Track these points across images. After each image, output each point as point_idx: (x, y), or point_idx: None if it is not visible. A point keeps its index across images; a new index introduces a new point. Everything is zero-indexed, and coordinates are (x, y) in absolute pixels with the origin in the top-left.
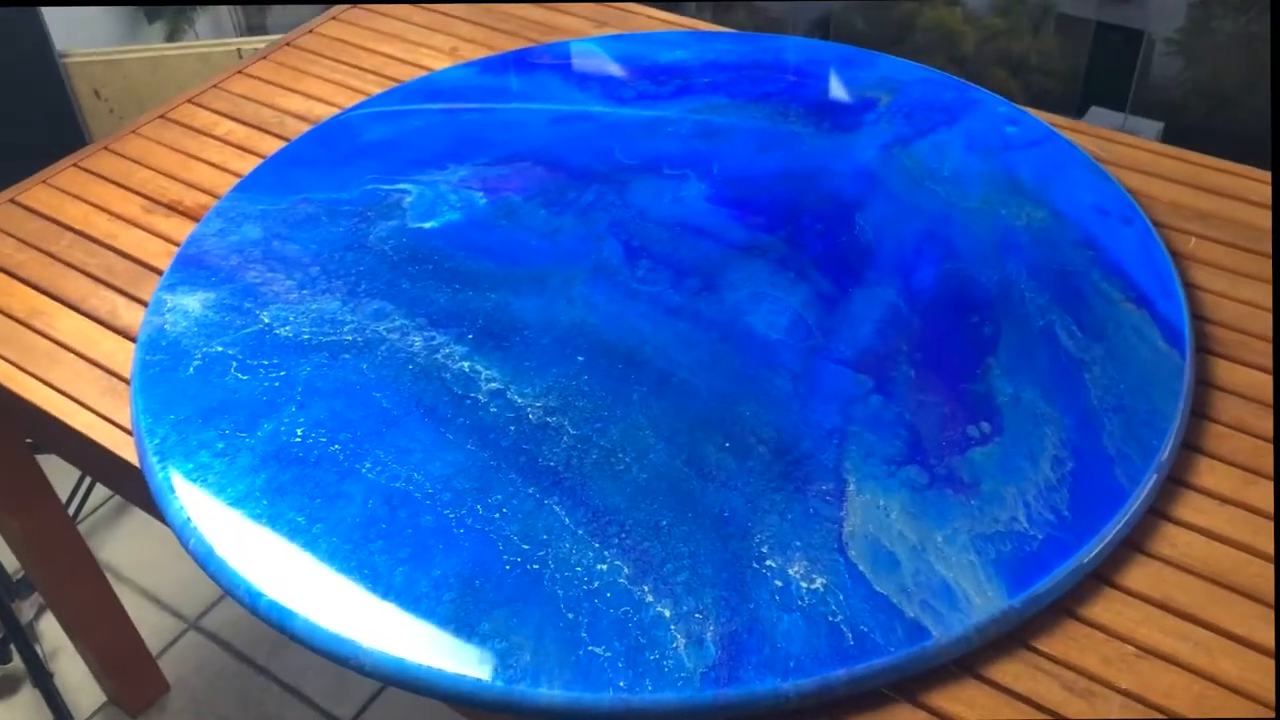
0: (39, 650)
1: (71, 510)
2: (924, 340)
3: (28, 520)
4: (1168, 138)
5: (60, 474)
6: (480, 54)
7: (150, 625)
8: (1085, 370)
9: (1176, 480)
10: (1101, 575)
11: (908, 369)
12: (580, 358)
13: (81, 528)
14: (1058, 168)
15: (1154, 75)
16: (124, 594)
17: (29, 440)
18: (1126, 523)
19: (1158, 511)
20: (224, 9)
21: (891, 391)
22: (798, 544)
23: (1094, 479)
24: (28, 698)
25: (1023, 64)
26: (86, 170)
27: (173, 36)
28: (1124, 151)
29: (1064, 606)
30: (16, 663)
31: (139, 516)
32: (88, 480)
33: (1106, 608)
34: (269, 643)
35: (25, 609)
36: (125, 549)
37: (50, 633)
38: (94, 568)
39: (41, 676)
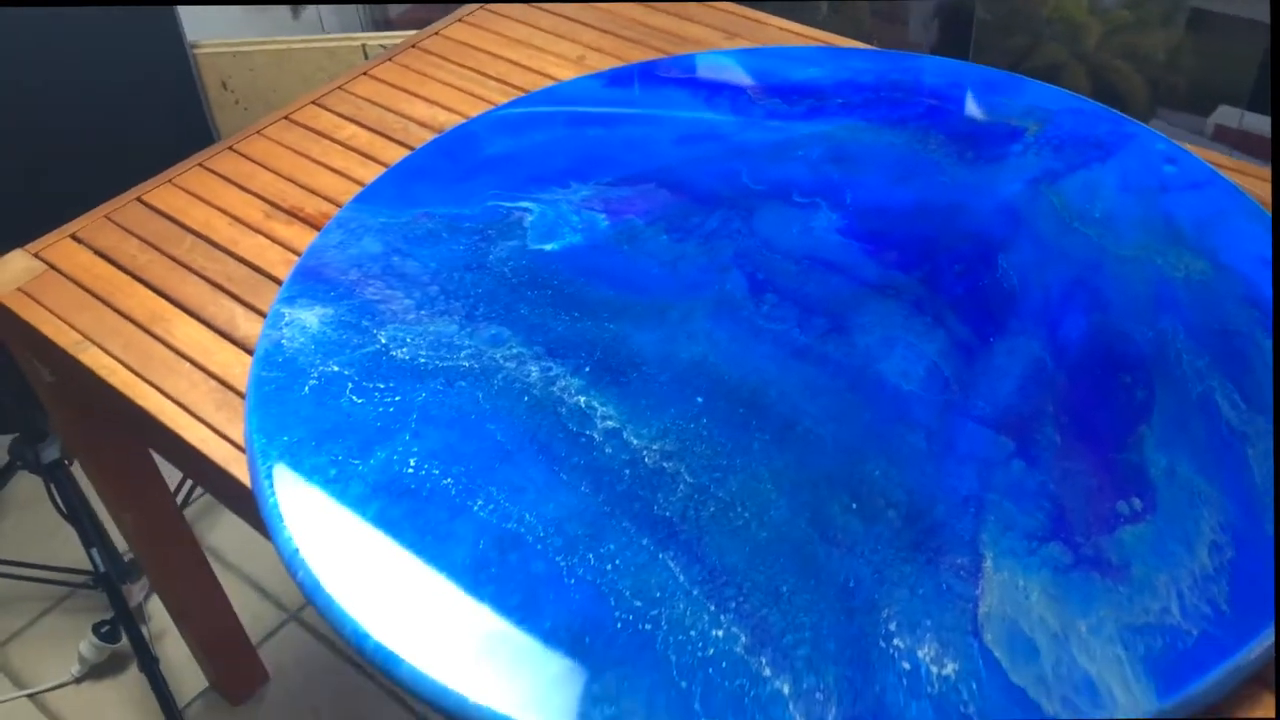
0: (146, 632)
1: (180, 496)
2: (1070, 401)
3: (139, 513)
4: None
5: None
6: (607, 63)
7: (252, 614)
8: (1249, 445)
9: None
10: (1265, 679)
11: (1053, 433)
12: (699, 399)
13: (188, 513)
14: (1221, 214)
15: None
16: (227, 581)
17: None
18: None
19: None
20: None
21: (1035, 457)
22: (928, 623)
23: (1257, 571)
24: (135, 677)
25: (1149, 60)
26: (211, 171)
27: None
28: None
29: (1222, 712)
30: (125, 643)
31: None
32: None
33: (1269, 716)
34: None
35: (135, 592)
36: (230, 536)
37: (158, 614)
38: (200, 558)
39: (147, 660)
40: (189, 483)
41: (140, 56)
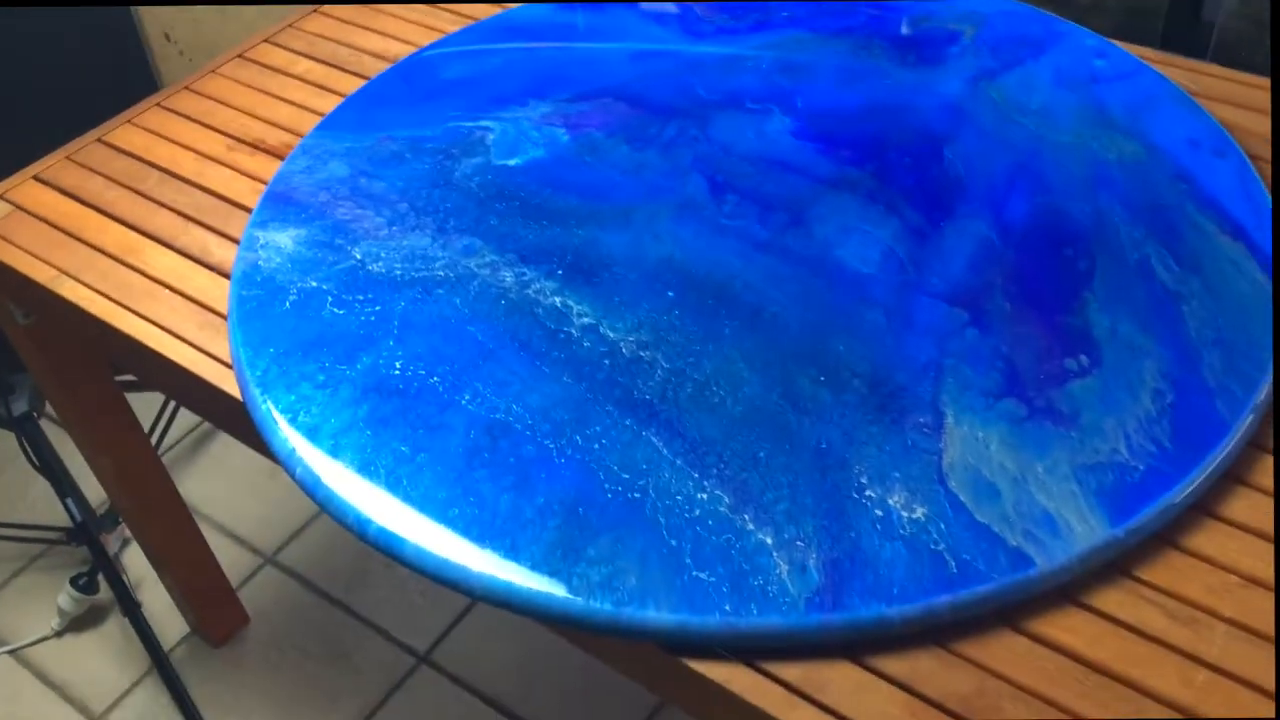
0: (125, 581)
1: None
2: (1018, 273)
3: (119, 457)
4: None
5: (138, 411)
6: None
7: (229, 559)
8: (1183, 303)
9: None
10: (1204, 507)
11: (1003, 302)
12: (670, 293)
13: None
14: (1148, 101)
15: (1205, 16)
16: (202, 529)
17: (128, 378)
18: (1228, 455)
19: (1259, 444)
20: None
21: (987, 325)
22: (897, 475)
23: (1195, 411)
24: (115, 627)
25: (1071, 3)
26: (170, 110)
27: None
28: (1216, 84)
29: (1166, 537)
30: (102, 594)
31: (215, 454)
32: (165, 419)
33: (1209, 538)
34: (345, 578)
35: (111, 541)
36: (202, 485)
37: (133, 566)
38: (178, 502)
39: (130, 606)
40: (156, 434)
41: (82, 12)
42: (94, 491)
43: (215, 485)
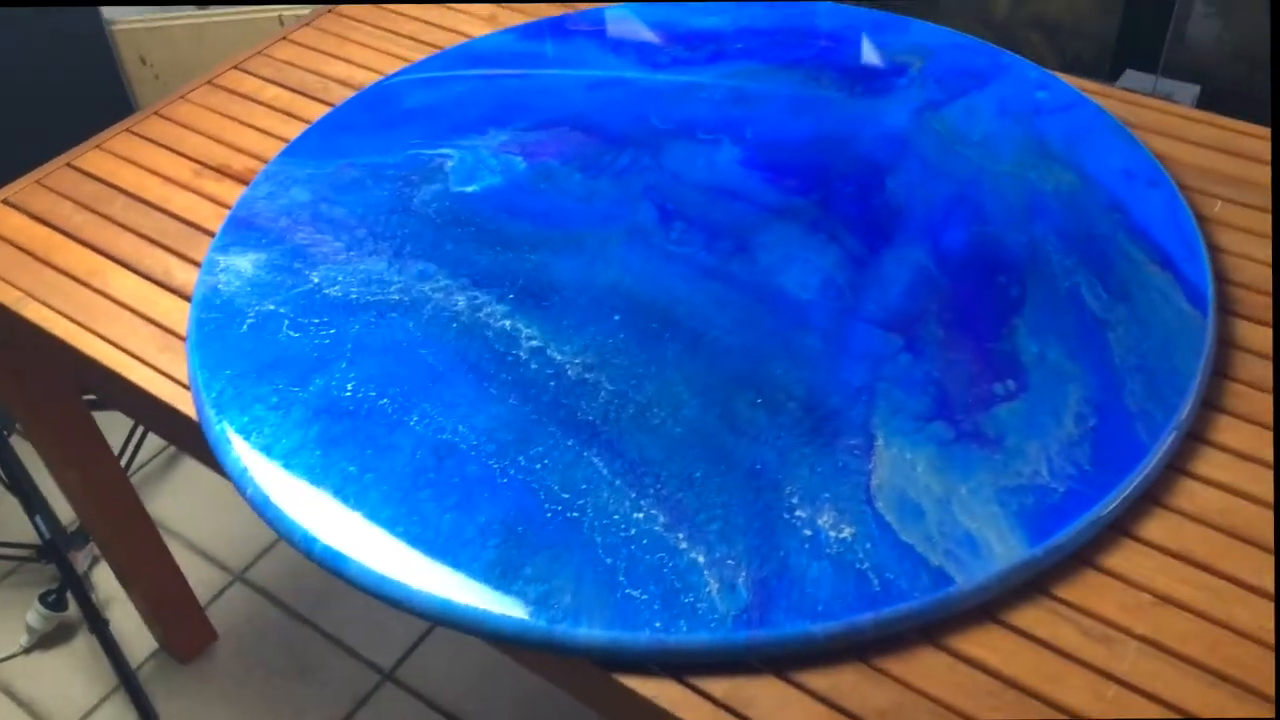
0: (94, 598)
1: (122, 464)
2: (952, 300)
3: (86, 473)
4: (1203, 102)
5: (110, 430)
6: (518, 19)
7: (198, 577)
8: (1109, 330)
9: (1196, 437)
10: (1121, 527)
11: (936, 328)
12: (616, 316)
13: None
14: (1087, 132)
15: (1191, 38)
16: (172, 547)
17: (89, 397)
18: (1146, 477)
19: (1177, 467)
20: None
21: (920, 350)
22: (827, 495)
23: (1116, 435)
24: (83, 644)
25: (1057, 27)
26: (138, 135)
27: None
28: (1153, 116)
29: (1084, 556)
30: (71, 611)
31: (186, 473)
32: (136, 437)
33: (1125, 558)
34: (312, 595)
35: (80, 559)
36: (173, 504)
37: (102, 584)
38: (146, 520)
39: (98, 623)
40: (128, 453)
41: (58, 35)
42: (64, 510)
43: (186, 503)
